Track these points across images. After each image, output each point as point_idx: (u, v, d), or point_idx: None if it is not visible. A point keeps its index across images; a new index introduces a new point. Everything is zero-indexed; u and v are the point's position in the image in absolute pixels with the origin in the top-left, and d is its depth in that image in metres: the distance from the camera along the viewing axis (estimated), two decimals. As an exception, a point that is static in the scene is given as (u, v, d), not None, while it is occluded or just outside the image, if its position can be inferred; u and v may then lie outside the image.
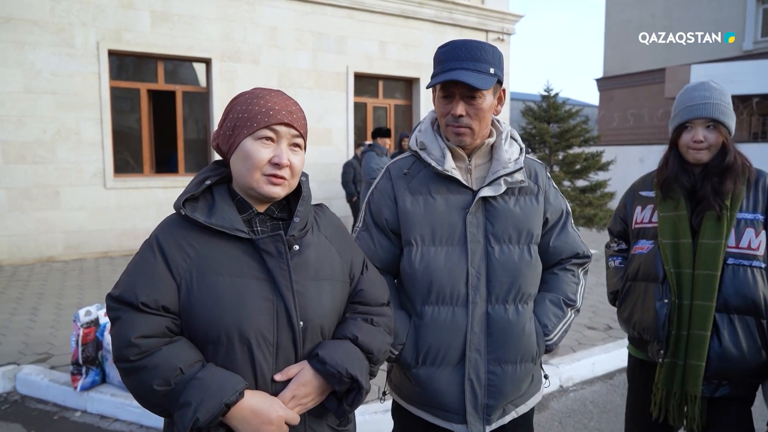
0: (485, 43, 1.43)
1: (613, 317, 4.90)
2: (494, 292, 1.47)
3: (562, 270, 1.60)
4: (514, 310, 1.48)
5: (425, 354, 1.48)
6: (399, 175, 1.54)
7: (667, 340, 1.78)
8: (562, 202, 1.62)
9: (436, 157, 1.49)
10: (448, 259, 1.46)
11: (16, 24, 6.89)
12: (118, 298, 1.12)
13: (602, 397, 3.59)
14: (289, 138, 1.19)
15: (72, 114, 7.32)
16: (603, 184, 8.22)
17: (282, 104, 1.19)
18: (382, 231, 1.54)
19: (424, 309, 1.48)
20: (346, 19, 9.32)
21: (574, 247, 1.61)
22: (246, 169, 1.16)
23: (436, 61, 1.46)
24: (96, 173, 7.54)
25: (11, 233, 7.08)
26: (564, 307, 1.56)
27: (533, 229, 1.51)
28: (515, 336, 1.47)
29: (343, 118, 9.48)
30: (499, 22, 10.97)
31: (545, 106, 8.44)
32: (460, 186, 1.48)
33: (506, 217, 1.48)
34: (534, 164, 1.59)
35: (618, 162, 14.37)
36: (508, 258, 1.47)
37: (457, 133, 1.45)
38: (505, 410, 1.52)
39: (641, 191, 2.01)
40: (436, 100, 1.49)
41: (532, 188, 1.54)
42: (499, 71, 1.44)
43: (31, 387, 3.53)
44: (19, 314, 4.84)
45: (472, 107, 1.42)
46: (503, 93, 1.51)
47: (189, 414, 1.02)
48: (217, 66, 8.27)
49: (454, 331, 1.46)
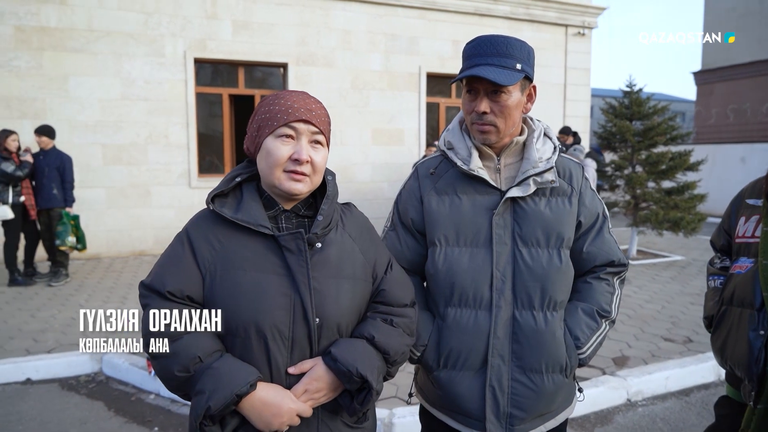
0: (513, 38, 1.38)
1: (695, 329, 4.54)
2: (520, 297, 1.41)
3: (596, 279, 1.51)
4: (543, 318, 1.41)
5: (446, 357, 1.45)
6: (426, 175, 1.52)
7: (761, 380, 1.48)
8: (598, 206, 1.52)
9: (463, 156, 1.45)
10: (472, 261, 1.42)
11: (114, 37, 7.55)
12: (148, 285, 1.19)
13: (675, 415, 3.34)
14: (309, 135, 1.21)
15: (162, 119, 7.90)
16: (692, 186, 7.62)
17: (301, 103, 1.21)
18: (409, 231, 1.53)
19: (446, 311, 1.45)
20: (418, 20, 9.33)
21: (610, 254, 1.50)
22: (268, 167, 1.20)
23: (462, 57, 1.43)
24: (182, 173, 8.09)
25: (109, 228, 7.77)
26: (598, 318, 1.46)
27: (564, 232, 1.44)
28: (543, 344, 1.40)
29: (415, 119, 9.49)
30: (580, 15, 10.49)
31: (627, 103, 7.95)
32: (488, 186, 1.44)
33: (535, 219, 1.42)
34: (569, 164, 1.51)
35: (716, 162, 13.34)
36: (536, 262, 1.41)
37: (482, 130, 1.41)
38: (533, 424, 1.45)
39: (748, 199, 1.70)
40: (462, 97, 1.46)
41: (565, 189, 1.46)
42: (528, 67, 1.38)
43: (115, 369, 3.86)
44: (110, 302, 5.31)
45: (497, 104, 1.37)
46: (533, 90, 1.45)
47: (202, 402, 1.07)
48: (293, 70, 8.58)
49: (476, 334, 1.42)
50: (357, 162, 9.11)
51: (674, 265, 7.36)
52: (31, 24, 7.17)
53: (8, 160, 5.81)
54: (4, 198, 5.82)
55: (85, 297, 5.52)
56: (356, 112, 9.04)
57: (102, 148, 7.63)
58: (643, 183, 7.53)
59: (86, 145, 7.53)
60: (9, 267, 6.04)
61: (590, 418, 3.30)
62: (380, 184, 9.30)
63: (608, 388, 3.45)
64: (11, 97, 7.16)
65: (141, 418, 3.27)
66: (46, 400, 3.51)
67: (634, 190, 7.69)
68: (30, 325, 4.64)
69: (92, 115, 7.53)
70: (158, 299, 1.17)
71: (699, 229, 7.36)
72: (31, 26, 7.17)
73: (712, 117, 18.55)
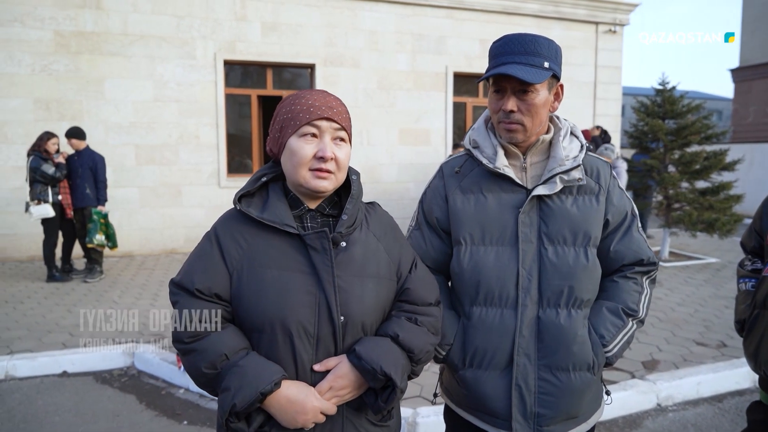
0: (540, 36, 1.37)
1: (729, 333, 4.41)
2: (546, 296, 1.40)
3: (623, 278, 1.48)
4: (566, 315, 1.40)
5: (472, 356, 1.45)
6: (451, 174, 1.52)
7: None
8: (627, 204, 1.49)
9: (488, 154, 1.45)
10: (498, 260, 1.42)
11: (148, 40, 7.75)
12: (178, 283, 1.22)
13: (707, 422, 3.25)
14: (332, 132, 1.21)
15: (193, 119, 8.07)
16: (728, 186, 7.38)
17: (322, 101, 1.22)
18: (434, 230, 1.53)
19: (471, 310, 1.45)
20: (445, 19, 9.29)
21: (639, 252, 1.48)
22: (293, 166, 1.21)
23: (489, 56, 1.43)
24: (212, 173, 8.24)
25: (142, 227, 7.98)
26: (624, 316, 1.44)
27: (591, 230, 1.42)
28: (567, 342, 1.39)
29: (441, 119, 9.46)
30: (612, 12, 10.29)
31: (660, 101, 7.76)
32: (514, 184, 1.44)
33: (561, 217, 1.41)
34: (596, 162, 1.49)
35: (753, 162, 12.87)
36: (562, 260, 1.40)
37: (509, 129, 1.41)
38: (563, 426, 1.44)
39: None
40: (489, 95, 1.45)
41: (593, 187, 1.45)
42: (555, 65, 1.37)
43: (146, 364, 3.97)
44: (143, 298, 5.45)
45: (524, 103, 1.36)
46: (561, 89, 1.44)
47: (228, 399, 1.10)
48: (321, 71, 8.65)
49: (501, 333, 1.41)
50: (383, 162, 9.13)
51: (708, 267, 7.15)
52: (69, 29, 7.41)
53: (48, 162, 6.03)
54: (44, 197, 6.04)
55: (119, 293, 5.68)
56: (383, 113, 9.07)
57: (135, 149, 7.84)
58: (676, 183, 7.34)
59: (120, 145, 7.75)
60: (47, 263, 6.27)
61: (618, 422, 3.24)
62: (406, 184, 9.30)
63: (637, 392, 3.38)
64: (51, 99, 7.42)
65: (171, 412, 3.36)
66: (82, 392, 3.63)
67: (666, 190, 7.51)
68: (67, 319, 4.81)
69: (126, 116, 7.75)
70: (187, 297, 1.19)
71: (735, 230, 7.14)
72: (69, 31, 7.42)
73: (750, 115, 17.93)
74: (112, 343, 4.20)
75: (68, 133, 6.33)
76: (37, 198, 6.00)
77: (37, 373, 3.89)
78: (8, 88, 7.24)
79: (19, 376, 3.85)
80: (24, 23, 7.22)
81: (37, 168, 5.97)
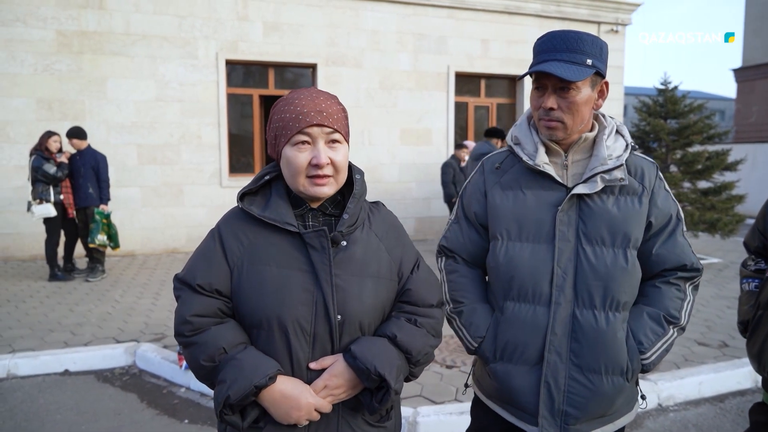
0: (584, 33, 1.36)
1: (731, 333, 4.40)
2: (581, 295, 1.39)
3: (665, 283, 1.45)
4: (605, 318, 1.39)
5: (503, 349, 1.46)
6: (491, 170, 1.53)
7: None
8: (672, 207, 1.46)
9: (529, 151, 1.45)
10: (533, 257, 1.42)
11: (150, 40, 7.76)
12: (181, 278, 1.24)
13: (708, 422, 3.24)
14: (324, 136, 1.20)
15: (194, 119, 8.08)
16: (730, 186, 7.36)
17: (311, 105, 1.19)
18: (472, 224, 1.55)
19: (505, 304, 1.46)
20: (447, 19, 9.29)
21: (682, 257, 1.44)
22: (291, 175, 1.21)
23: (533, 53, 1.43)
24: (214, 173, 8.26)
25: (143, 226, 7.99)
26: (665, 324, 1.41)
27: (631, 232, 1.40)
28: (603, 345, 1.38)
29: (443, 119, 9.46)
30: (614, 12, 10.28)
31: (661, 101, 7.75)
32: (554, 182, 1.43)
33: (601, 218, 1.39)
34: (642, 162, 1.46)
35: (755, 162, 12.84)
36: (600, 261, 1.39)
37: (548, 126, 1.40)
38: (590, 426, 1.43)
39: None
40: (530, 92, 1.45)
41: (636, 188, 1.42)
42: (600, 63, 1.36)
43: (147, 363, 3.98)
44: (144, 298, 5.46)
45: (565, 100, 1.36)
46: (605, 86, 1.42)
47: (223, 391, 1.11)
48: (323, 71, 8.66)
49: (533, 329, 1.42)
50: (385, 162, 9.13)
51: (710, 267, 7.14)
52: (71, 28, 7.43)
53: (49, 161, 6.05)
54: (46, 197, 6.05)
55: (120, 292, 5.70)
56: (384, 112, 9.07)
57: (137, 148, 7.86)
58: (678, 183, 7.32)
59: (122, 145, 7.76)
60: (50, 263, 6.29)
61: (619, 422, 3.23)
62: (408, 184, 9.30)
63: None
64: (53, 99, 7.44)
65: (172, 411, 3.36)
66: (83, 390, 3.64)
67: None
68: (69, 318, 4.82)
69: (128, 116, 7.77)
70: (189, 292, 1.21)
71: (737, 230, 7.12)
72: (71, 30, 7.43)
73: (752, 115, 17.89)
74: (114, 342, 4.21)
75: (69, 133, 6.34)
76: (38, 197, 6.02)
77: (38, 371, 3.90)
78: (11, 88, 7.26)
79: (21, 375, 3.86)
80: (26, 23, 7.24)
81: (39, 167, 5.98)
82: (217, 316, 1.20)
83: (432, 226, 9.45)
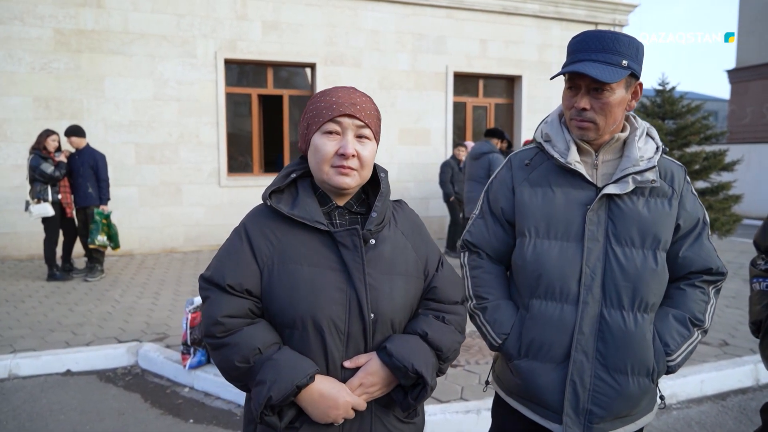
0: (621, 33, 1.36)
1: (731, 332, 4.44)
2: (609, 296, 1.40)
3: (690, 286, 1.46)
4: (633, 319, 1.39)
5: (528, 346, 1.46)
6: (520, 166, 1.53)
7: None
8: (699, 210, 1.47)
9: (560, 149, 1.45)
10: (562, 255, 1.42)
11: (148, 39, 7.73)
12: (208, 278, 1.22)
13: (711, 419, 3.27)
14: (355, 129, 1.21)
15: (193, 118, 8.06)
16: (727, 186, 7.43)
17: (346, 97, 1.21)
18: (497, 220, 1.54)
19: (531, 302, 1.46)
20: (445, 19, 9.31)
21: (708, 261, 1.45)
22: (317, 163, 1.22)
23: (567, 52, 1.42)
24: (212, 173, 8.23)
25: (141, 225, 7.96)
26: (690, 326, 1.42)
27: (661, 234, 1.41)
28: (631, 346, 1.39)
29: (441, 118, 9.47)
30: (611, 13, 10.33)
31: (659, 101, 7.80)
32: (584, 181, 1.43)
33: (631, 219, 1.40)
34: (671, 165, 1.47)
35: (750, 162, 12.95)
36: (630, 262, 1.39)
37: (580, 127, 1.40)
38: (613, 424, 1.44)
39: None
40: (563, 91, 1.45)
41: (666, 190, 1.43)
42: (635, 64, 1.35)
43: (150, 362, 3.96)
44: (144, 297, 5.44)
45: (598, 101, 1.35)
46: (639, 87, 1.42)
47: (264, 391, 1.10)
48: (322, 70, 8.65)
49: (560, 328, 1.42)
50: (383, 162, 9.13)
51: (708, 267, 7.18)
52: (69, 27, 7.39)
53: (47, 161, 6.00)
54: (44, 196, 6.01)
55: (120, 292, 5.67)
56: (383, 112, 9.07)
57: (135, 147, 7.82)
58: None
59: (120, 144, 7.73)
60: (48, 262, 6.25)
61: (623, 420, 3.26)
62: (406, 183, 9.31)
63: (641, 391, 3.40)
64: (51, 97, 7.39)
65: (176, 411, 3.35)
66: (86, 391, 3.62)
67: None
68: (69, 318, 4.79)
69: (126, 115, 7.73)
70: (218, 292, 1.19)
71: (734, 230, 7.18)
72: (69, 29, 7.39)
73: (747, 116, 18.02)
74: (115, 341, 4.20)
75: (68, 131, 6.30)
76: (36, 197, 5.98)
77: (40, 371, 3.88)
78: (8, 87, 7.21)
79: (23, 375, 3.83)
80: (24, 21, 7.20)
81: (37, 167, 5.94)
82: (249, 317, 1.19)
83: (430, 226, 9.46)
